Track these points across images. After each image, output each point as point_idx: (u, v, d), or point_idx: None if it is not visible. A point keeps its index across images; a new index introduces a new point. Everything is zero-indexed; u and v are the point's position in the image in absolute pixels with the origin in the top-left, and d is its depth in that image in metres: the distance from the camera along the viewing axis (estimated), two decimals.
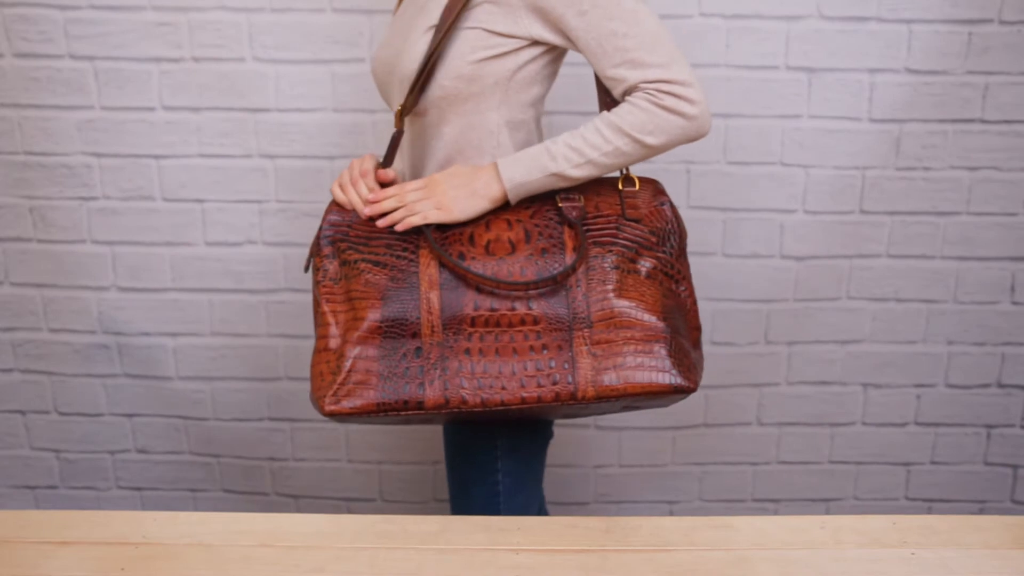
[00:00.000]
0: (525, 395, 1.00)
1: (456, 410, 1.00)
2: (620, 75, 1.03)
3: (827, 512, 1.91)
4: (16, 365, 1.84)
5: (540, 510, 1.27)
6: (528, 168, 1.05)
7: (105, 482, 1.91)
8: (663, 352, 1.02)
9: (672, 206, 1.10)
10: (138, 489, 1.92)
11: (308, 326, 1.79)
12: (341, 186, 1.10)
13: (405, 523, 1.02)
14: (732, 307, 1.76)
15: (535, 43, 1.07)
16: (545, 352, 1.02)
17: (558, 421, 1.46)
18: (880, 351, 1.80)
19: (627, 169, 1.10)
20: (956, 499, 1.90)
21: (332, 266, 1.08)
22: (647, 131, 1.02)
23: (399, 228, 1.05)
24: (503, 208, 1.07)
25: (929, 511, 1.90)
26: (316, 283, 1.08)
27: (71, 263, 1.76)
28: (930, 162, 1.69)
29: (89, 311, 1.79)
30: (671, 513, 1.92)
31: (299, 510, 1.92)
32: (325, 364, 1.04)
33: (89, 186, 1.72)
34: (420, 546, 0.97)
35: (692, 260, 1.72)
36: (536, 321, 1.02)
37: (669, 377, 1.01)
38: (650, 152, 1.04)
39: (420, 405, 1.01)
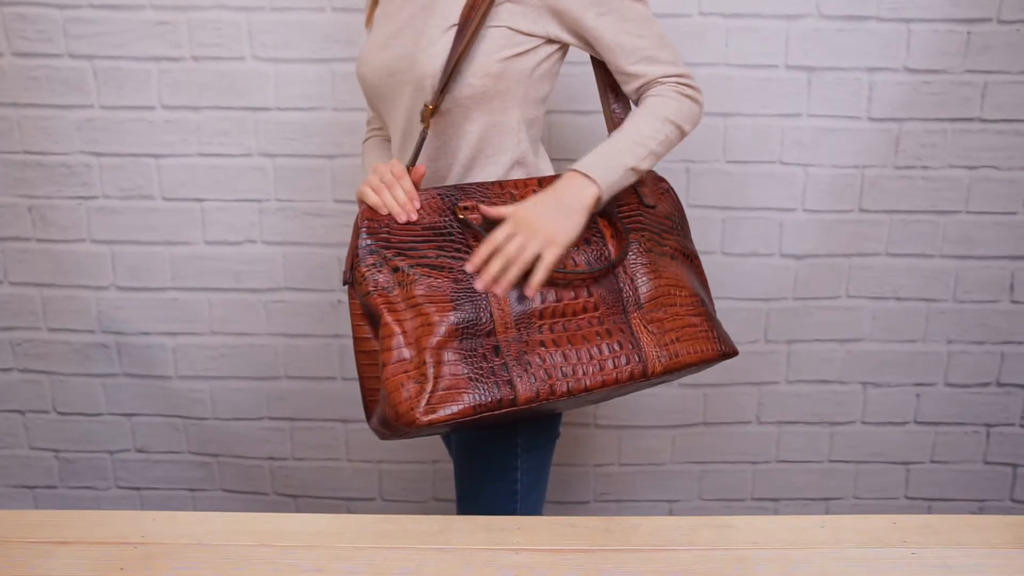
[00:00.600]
0: (604, 378, 1.04)
1: (545, 402, 1.02)
2: (640, 71, 1.11)
3: (827, 511, 1.91)
4: (15, 364, 1.84)
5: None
6: (609, 167, 1.08)
7: (104, 482, 1.91)
8: (706, 324, 1.13)
9: (671, 188, 1.20)
10: (137, 489, 1.92)
11: (307, 325, 1.79)
12: (374, 189, 1.06)
13: (405, 523, 1.02)
14: (731, 306, 1.76)
15: (550, 41, 1.11)
16: (611, 336, 1.07)
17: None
18: (880, 350, 1.80)
19: None
20: (956, 498, 1.90)
21: (381, 276, 1.03)
22: (683, 118, 1.11)
23: (508, 286, 1.04)
24: None
25: (929, 510, 1.91)
26: (365, 294, 1.03)
27: (70, 262, 1.76)
28: (929, 161, 1.69)
29: (88, 310, 1.79)
30: (671, 512, 1.92)
31: (298, 510, 1.92)
32: (404, 374, 1.00)
33: (88, 185, 1.72)
34: (420, 546, 0.97)
35: None
36: (596, 307, 1.07)
37: (719, 346, 1.12)
38: (681, 139, 1.13)
39: (513, 402, 1.01)
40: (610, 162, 1.07)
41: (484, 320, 1.04)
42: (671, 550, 0.97)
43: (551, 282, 1.06)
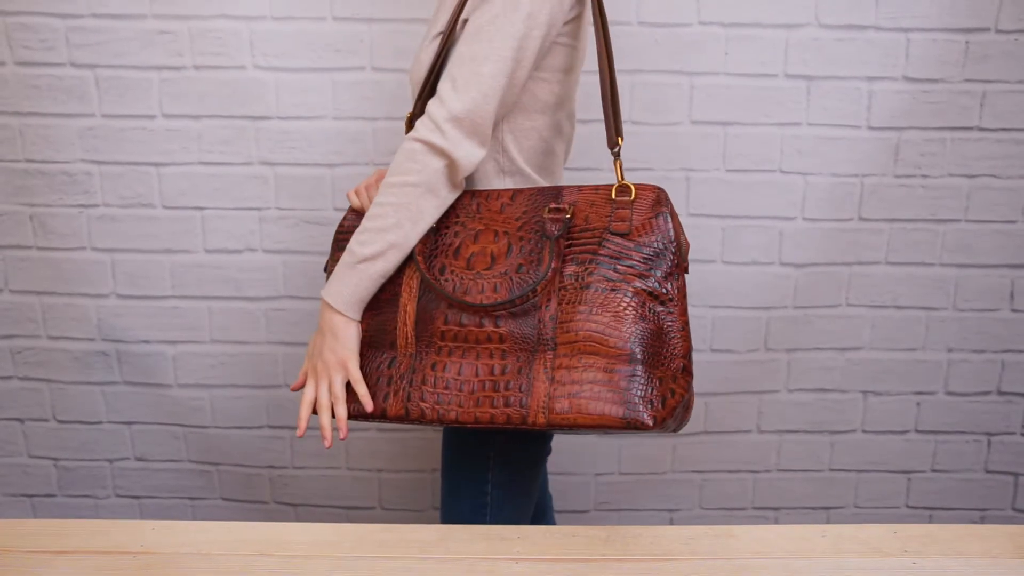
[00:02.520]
0: (478, 414, 0.99)
1: (417, 422, 1.02)
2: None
3: (827, 520, 1.91)
4: (15, 372, 1.84)
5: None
6: (339, 273, 1.06)
7: (103, 490, 1.91)
8: (623, 383, 0.94)
9: (672, 218, 1.01)
10: (137, 497, 1.91)
11: (307, 334, 1.79)
12: (356, 192, 1.14)
13: (405, 532, 1.02)
14: (731, 314, 1.76)
15: None
16: (505, 373, 0.99)
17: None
18: (880, 358, 1.80)
19: (621, 175, 1.05)
20: (957, 507, 1.90)
21: None
22: (394, 168, 1.04)
23: (344, 424, 1.06)
24: (495, 216, 1.06)
25: (930, 519, 1.90)
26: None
27: (71, 270, 1.76)
28: (929, 169, 1.69)
29: (88, 318, 1.79)
30: (671, 521, 1.92)
31: (298, 518, 1.92)
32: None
33: (89, 193, 1.72)
34: (420, 555, 0.97)
35: (691, 267, 1.72)
36: (502, 339, 1.00)
37: (624, 411, 0.93)
38: (416, 191, 1.02)
39: (383, 415, 1.04)
40: (341, 267, 1.06)
41: (389, 329, 1.06)
42: (672, 559, 0.96)
43: (457, 308, 1.02)
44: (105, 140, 1.69)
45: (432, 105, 1.02)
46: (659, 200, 1.01)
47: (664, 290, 0.99)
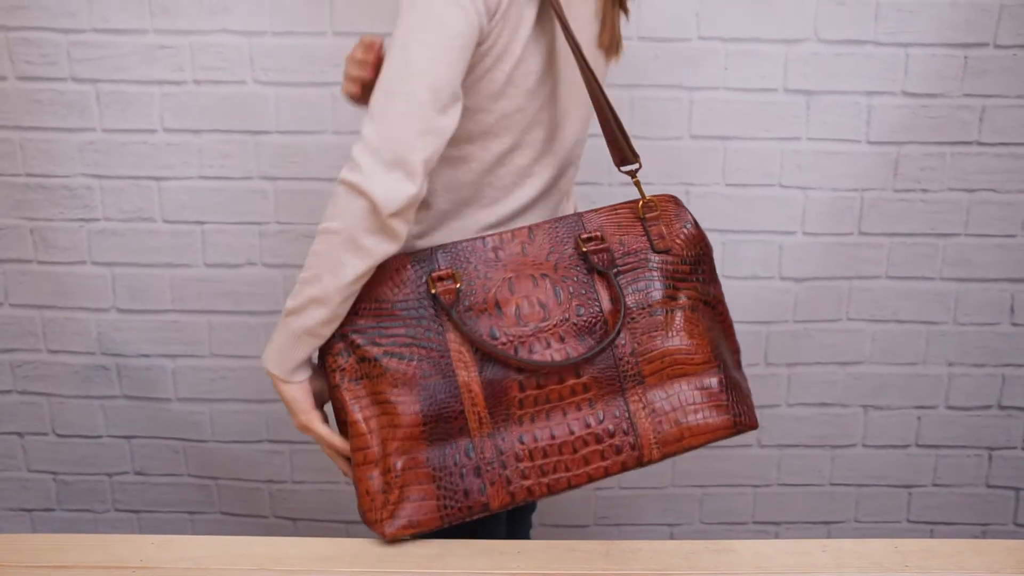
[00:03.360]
0: (591, 472, 0.94)
1: (525, 502, 0.95)
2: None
3: (828, 535, 1.90)
4: (15, 386, 1.83)
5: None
6: (274, 340, 0.98)
7: (102, 504, 1.90)
8: (720, 394, 0.97)
9: (695, 224, 1.02)
10: (136, 512, 1.91)
11: None
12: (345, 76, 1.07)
13: (405, 546, 1.01)
14: None
15: None
16: (602, 421, 0.95)
17: None
18: (880, 372, 1.80)
19: (644, 192, 1.02)
20: (958, 522, 1.89)
21: (349, 363, 0.97)
22: (326, 218, 0.91)
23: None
24: (520, 259, 0.98)
25: (931, 534, 1.89)
26: (334, 386, 0.97)
27: (71, 284, 1.76)
28: (928, 184, 1.69)
29: (88, 332, 1.79)
30: (671, 536, 1.91)
31: (298, 533, 1.91)
32: (368, 480, 0.95)
33: (90, 207, 1.72)
34: (420, 570, 0.97)
35: None
36: (587, 389, 0.95)
37: (731, 420, 0.97)
38: (338, 239, 0.91)
39: (486, 508, 0.94)
40: (276, 332, 0.98)
41: (454, 415, 0.94)
42: (672, 574, 0.96)
43: (531, 371, 0.94)
44: (106, 154, 1.70)
45: (354, 143, 0.91)
46: (679, 209, 1.01)
47: (712, 294, 1.01)
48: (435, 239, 1.05)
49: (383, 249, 0.92)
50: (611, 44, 1.09)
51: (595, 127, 1.30)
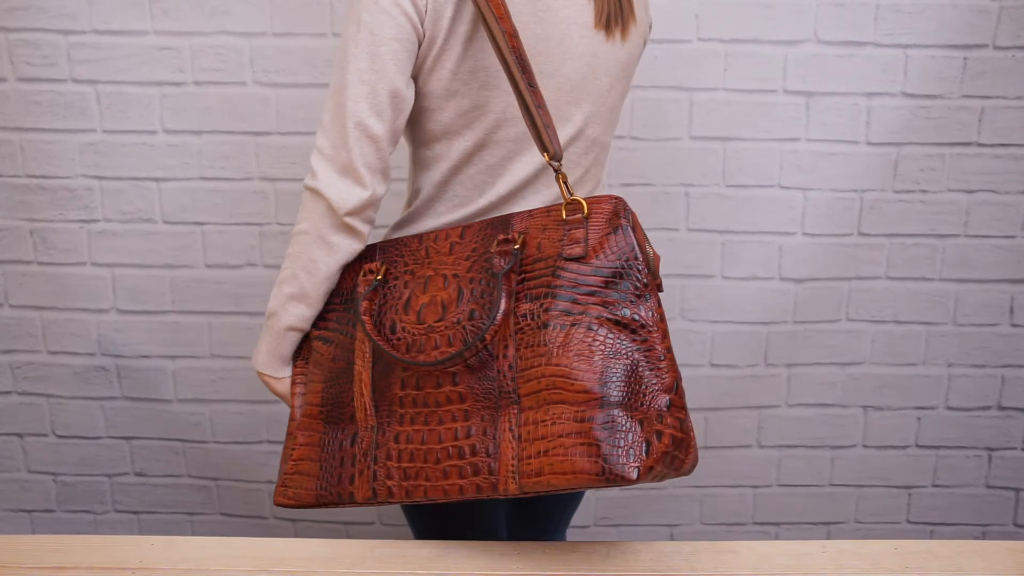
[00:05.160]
0: (446, 487, 0.89)
1: (385, 503, 0.95)
2: None
3: (828, 536, 1.90)
4: (15, 387, 1.83)
5: None
6: (262, 337, 1.05)
7: (102, 506, 1.90)
8: (598, 432, 0.81)
9: (635, 230, 0.87)
10: (136, 513, 1.91)
11: None
12: None
13: (405, 547, 1.01)
14: (731, 329, 1.76)
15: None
16: (470, 435, 0.88)
17: None
18: (880, 373, 1.80)
19: (570, 191, 0.92)
20: (958, 523, 1.89)
21: (302, 343, 1.06)
22: (297, 219, 0.99)
23: None
24: (445, 259, 0.96)
25: (931, 535, 1.89)
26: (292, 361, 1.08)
27: (71, 285, 1.76)
28: (928, 185, 1.70)
29: (88, 333, 1.79)
30: (672, 537, 1.91)
31: (298, 534, 1.91)
32: (284, 450, 1.03)
33: (90, 209, 1.72)
34: (420, 570, 0.97)
35: (691, 282, 1.72)
36: (462, 398, 0.89)
37: (601, 465, 0.80)
38: (307, 238, 0.98)
39: (352, 497, 0.95)
40: (262, 336, 1.05)
41: (347, 402, 0.97)
42: (672, 575, 0.96)
43: (413, 370, 0.93)
44: (106, 155, 1.70)
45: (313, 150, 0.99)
46: (616, 212, 0.87)
47: (635, 316, 0.84)
48: (401, 235, 1.07)
49: (349, 245, 0.99)
50: (612, 23, 1.02)
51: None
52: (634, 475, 0.80)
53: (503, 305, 0.86)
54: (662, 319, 0.85)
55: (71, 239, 1.74)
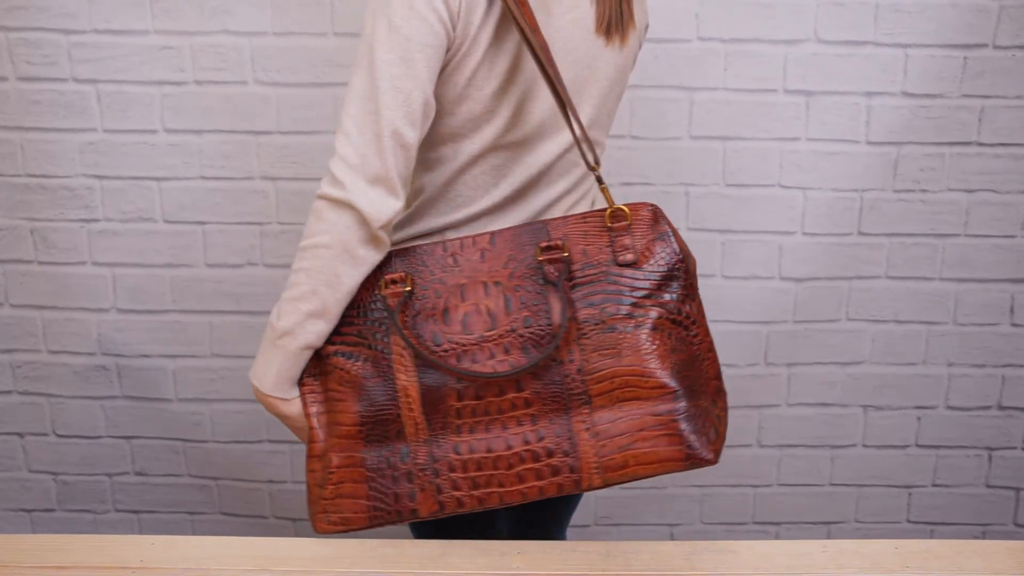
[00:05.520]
0: (524, 490, 0.91)
1: (455, 514, 0.94)
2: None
3: (828, 536, 1.90)
4: (15, 387, 1.84)
5: None
6: (262, 351, 0.98)
7: (103, 505, 1.90)
8: (673, 423, 0.90)
9: (675, 235, 0.95)
10: (136, 512, 1.91)
11: None
12: None
13: (405, 547, 1.01)
14: (731, 329, 1.76)
15: None
16: (541, 440, 0.91)
17: None
18: (880, 373, 1.80)
19: (611, 200, 0.97)
20: (958, 522, 1.89)
21: (311, 360, 0.98)
22: (309, 233, 0.93)
23: None
24: (477, 266, 0.95)
25: (931, 534, 1.90)
26: (302, 382, 0.99)
27: (71, 285, 1.76)
28: (928, 184, 1.70)
29: (89, 333, 1.79)
30: (672, 536, 1.91)
31: (298, 534, 1.91)
32: (311, 474, 0.97)
33: (90, 208, 1.72)
34: (420, 570, 0.97)
35: None
36: (528, 404, 0.91)
37: (682, 452, 0.90)
38: (330, 253, 0.92)
39: (414, 514, 0.93)
40: (263, 343, 0.98)
41: (391, 418, 0.93)
42: (672, 574, 0.96)
43: (469, 381, 0.92)
44: (106, 155, 1.70)
45: (331, 159, 0.93)
46: (656, 219, 0.94)
47: (684, 314, 0.94)
48: (402, 235, 1.05)
49: (374, 257, 0.94)
50: (613, 29, 1.04)
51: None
52: (713, 456, 0.91)
53: (568, 312, 0.91)
54: (703, 315, 0.95)
55: (71, 238, 1.74)
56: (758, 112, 1.66)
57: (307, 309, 0.94)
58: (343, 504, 0.95)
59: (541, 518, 1.33)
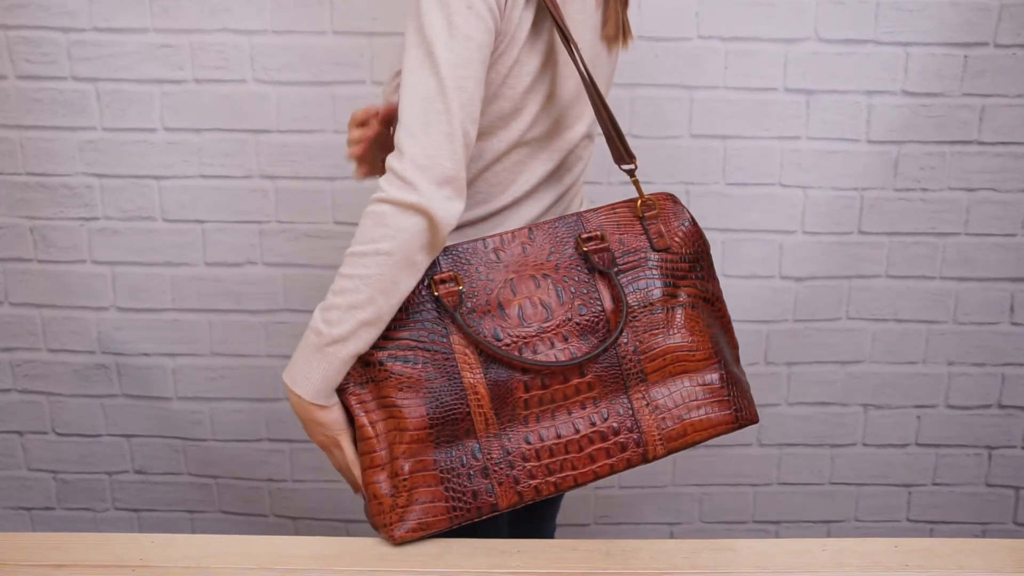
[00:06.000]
0: (597, 470, 0.96)
1: (532, 502, 0.95)
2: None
3: (828, 534, 1.90)
4: (15, 385, 1.83)
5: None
6: (304, 356, 0.93)
7: (102, 503, 1.90)
8: (721, 389, 1.00)
9: (693, 221, 1.04)
10: (136, 511, 1.91)
11: None
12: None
13: (405, 545, 1.01)
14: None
15: None
16: (606, 419, 0.96)
17: None
18: (880, 372, 1.80)
19: (640, 189, 1.03)
20: (958, 521, 1.89)
21: (354, 367, 0.95)
22: (358, 239, 0.89)
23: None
24: (521, 260, 0.98)
25: (931, 533, 1.90)
26: (340, 389, 0.95)
27: (71, 283, 1.76)
28: (928, 183, 1.69)
29: (88, 331, 1.79)
30: (672, 535, 1.91)
31: (298, 532, 1.91)
32: (376, 484, 0.95)
33: (90, 206, 1.72)
34: (420, 568, 0.97)
35: None
36: (591, 387, 0.96)
37: (732, 415, 1.00)
38: (391, 260, 0.89)
39: (495, 508, 0.94)
40: (304, 349, 0.93)
41: (461, 417, 0.94)
42: (672, 573, 0.96)
43: (535, 372, 0.94)
44: (106, 153, 1.70)
45: (392, 159, 0.89)
46: (677, 207, 1.03)
47: (711, 292, 1.03)
48: None
49: (428, 263, 0.93)
50: (616, 34, 1.08)
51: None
52: (756, 416, 1.02)
53: (622, 298, 0.97)
54: (721, 291, 1.04)
55: (71, 237, 1.74)
56: (758, 111, 1.66)
57: (363, 318, 0.91)
58: (421, 509, 0.95)
59: (541, 507, 1.34)
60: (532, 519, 1.34)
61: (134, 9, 1.62)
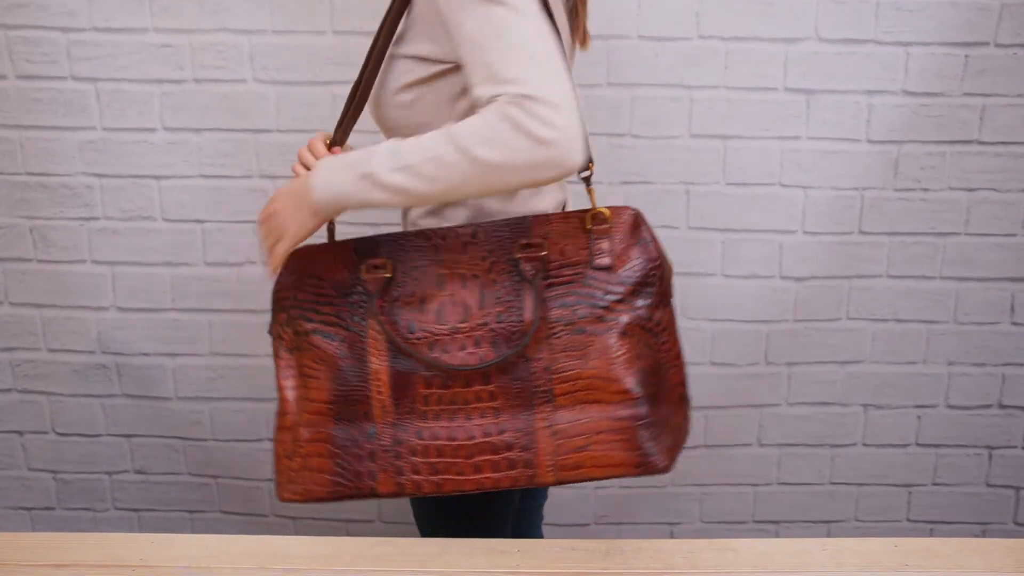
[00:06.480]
0: (481, 480, 0.93)
1: (412, 495, 0.96)
2: (481, 92, 0.86)
3: (828, 534, 1.90)
4: (14, 385, 1.83)
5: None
6: (341, 168, 0.93)
7: (102, 503, 1.90)
8: (631, 429, 0.91)
9: (654, 242, 0.96)
10: (135, 510, 1.91)
11: None
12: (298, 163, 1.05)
13: (404, 545, 1.01)
14: (732, 328, 1.76)
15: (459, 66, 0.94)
16: (503, 432, 0.93)
17: None
18: (880, 372, 1.80)
19: (595, 201, 0.97)
20: (958, 521, 1.89)
21: (287, 334, 1.01)
22: (478, 141, 0.83)
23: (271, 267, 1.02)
24: (458, 258, 0.96)
25: (931, 533, 1.90)
26: (274, 353, 1.02)
27: (71, 283, 1.76)
28: (928, 183, 1.69)
29: (88, 331, 1.79)
30: (672, 535, 1.91)
31: (298, 532, 1.91)
32: (280, 444, 1.00)
33: (90, 206, 1.72)
34: (420, 568, 0.97)
35: (692, 281, 1.72)
36: (493, 398, 0.93)
37: (638, 458, 0.91)
38: (483, 170, 0.84)
39: (374, 492, 0.96)
40: (348, 163, 0.92)
41: (362, 399, 0.96)
42: (672, 573, 0.96)
43: (437, 370, 0.94)
44: (106, 153, 1.69)
45: (510, 87, 0.83)
46: (637, 224, 0.95)
47: (656, 321, 0.95)
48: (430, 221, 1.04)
49: (497, 199, 0.97)
50: (584, 37, 1.12)
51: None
52: (668, 463, 0.93)
53: (540, 311, 0.92)
54: (674, 322, 0.96)
55: (71, 237, 1.74)
56: (758, 111, 1.66)
57: (408, 186, 0.88)
58: (308, 476, 0.97)
59: (530, 507, 1.36)
60: (520, 521, 1.34)
61: (134, 9, 1.62)
